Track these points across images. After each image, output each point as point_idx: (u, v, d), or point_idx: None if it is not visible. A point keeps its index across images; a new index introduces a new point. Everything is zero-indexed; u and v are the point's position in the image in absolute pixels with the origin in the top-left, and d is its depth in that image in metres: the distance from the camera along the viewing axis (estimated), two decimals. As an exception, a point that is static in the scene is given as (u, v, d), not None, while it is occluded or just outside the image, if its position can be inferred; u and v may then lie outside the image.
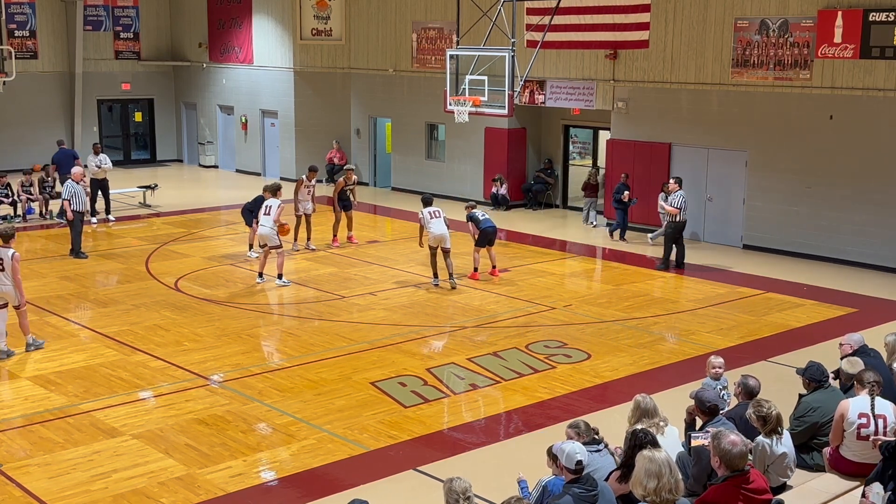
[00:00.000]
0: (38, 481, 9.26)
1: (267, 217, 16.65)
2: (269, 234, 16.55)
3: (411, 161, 26.69)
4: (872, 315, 15.12)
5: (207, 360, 12.82)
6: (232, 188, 27.69)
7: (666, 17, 20.66)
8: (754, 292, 16.63)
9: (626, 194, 20.21)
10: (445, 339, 13.99)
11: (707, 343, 13.78)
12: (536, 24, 21.47)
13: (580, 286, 17.56)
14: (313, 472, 9.59)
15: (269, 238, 16.58)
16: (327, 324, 14.54)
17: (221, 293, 16.27)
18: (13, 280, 12.75)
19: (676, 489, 5.94)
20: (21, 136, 29.19)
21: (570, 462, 6.68)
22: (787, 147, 19.19)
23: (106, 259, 18.78)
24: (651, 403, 7.81)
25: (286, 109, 28.63)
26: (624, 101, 21.70)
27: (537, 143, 25.02)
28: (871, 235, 18.18)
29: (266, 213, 16.72)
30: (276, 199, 16.98)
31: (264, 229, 16.63)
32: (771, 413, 7.61)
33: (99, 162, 22.27)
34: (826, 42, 18.18)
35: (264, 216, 16.72)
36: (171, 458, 9.80)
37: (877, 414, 7.88)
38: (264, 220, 16.68)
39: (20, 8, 29.05)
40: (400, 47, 26.59)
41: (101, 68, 30.90)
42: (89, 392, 11.61)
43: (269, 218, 16.60)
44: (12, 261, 12.68)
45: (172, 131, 32.89)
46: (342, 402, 11.38)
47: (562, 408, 11.25)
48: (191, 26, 31.61)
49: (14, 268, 12.71)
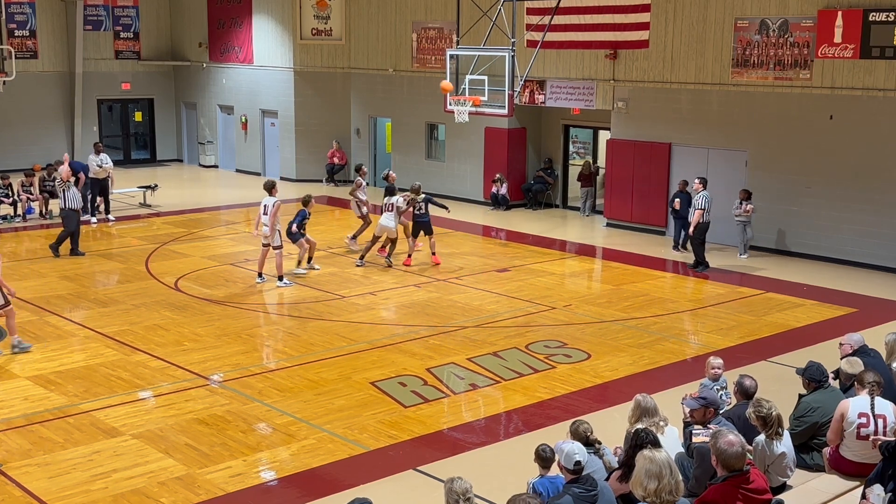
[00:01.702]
0: (38, 481, 9.25)
1: (265, 216, 16.57)
2: (268, 232, 16.46)
3: (411, 161, 26.67)
4: (872, 315, 15.12)
5: (207, 360, 12.81)
6: (232, 188, 27.70)
7: (666, 16, 20.66)
8: (754, 292, 16.63)
9: (676, 202, 19.26)
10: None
11: (707, 343, 13.79)
12: (536, 24, 21.47)
13: (580, 286, 17.56)
14: (313, 472, 9.59)
15: (270, 237, 16.47)
16: (327, 324, 14.54)
17: (221, 293, 16.26)
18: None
19: (676, 490, 5.94)
20: (21, 136, 29.18)
21: (568, 462, 6.69)
22: (787, 147, 19.19)
23: (106, 259, 18.77)
24: (651, 403, 7.82)
25: (286, 109, 28.63)
26: (624, 101, 21.70)
27: (537, 143, 25.02)
28: (871, 235, 18.18)
29: (265, 213, 16.61)
30: (272, 197, 16.69)
31: (265, 228, 16.54)
32: (771, 413, 7.61)
33: (100, 161, 22.26)
34: (826, 42, 18.18)
35: (263, 215, 16.63)
36: (170, 457, 9.79)
37: (877, 414, 7.89)
38: (264, 219, 16.60)
39: (20, 8, 29.04)
40: (400, 47, 26.59)
41: (101, 68, 30.89)
42: (89, 392, 11.61)
43: (268, 217, 16.51)
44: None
45: (172, 131, 32.88)
46: (342, 401, 11.38)
47: (562, 408, 11.25)
48: (191, 26, 31.60)
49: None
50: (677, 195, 19.35)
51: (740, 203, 18.67)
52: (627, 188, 21.81)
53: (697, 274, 17.82)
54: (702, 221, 17.72)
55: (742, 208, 18.64)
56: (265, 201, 16.63)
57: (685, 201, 18.94)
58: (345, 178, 28.12)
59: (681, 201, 19.12)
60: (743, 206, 18.62)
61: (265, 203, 16.61)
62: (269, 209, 16.49)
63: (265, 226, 16.51)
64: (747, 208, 18.60)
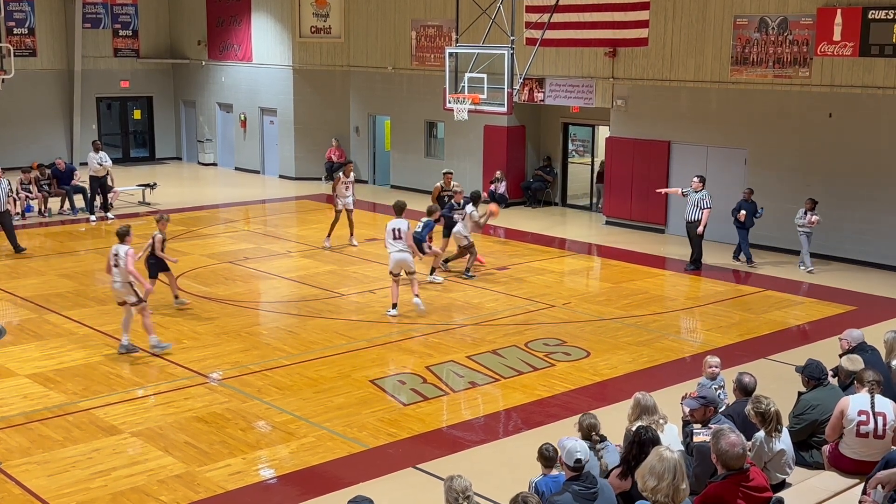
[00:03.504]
0: (38, 479, 9.25)
1: (400, 241, 14.69)
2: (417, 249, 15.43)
3: (410, 159, 26.68)
4: (871, 313, 15.12)
5: (206, 358, 12.81)
6: (231, 186, 27.69)
7: (665, 14, 20.65)
8: (753, 290, 16.63)
9: (741, 213, 17.97)
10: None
11: (706, 341, 13.79)
12: (536, 22, 21.45)
13: (579, 284, 17.56)
14: (312, 470, 9.59)
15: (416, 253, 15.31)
16: (326, 322, 14.53)
17: (220, 291, 16.26)
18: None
19: (675, 495, 5.85)
20: (20, 134, 29.16)
21: (569, 459, 6.69)
22: (786, 145, 19.19)
23: (105, 257, 18.70)
24: (651, 401, 7.82)
25: (285, 107, 28.61)
26: (623, 99, 21.69)
27: (536, 141, 25.01)
28: (870, 233, 18.18)
29: (398, 237, 14.64)
30: (403, 220, 14.83)
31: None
32: (769, 410, 7.62)
33: (100, 159, 22.25)
34: (825, 40, 18.18)
35: (396, 240, 14.65)
36: (170, 455, 9.79)
37: (877, 412, 7.89)
38: (399, 244, 14.66)
39: (19, 5, 29.02)
40: (399, 45, 26.58)
41: (99, 66, 30.88)
42: (88, 390, 11.61)
43: (402, 240, 14.74)
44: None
45: (171, 129, 32.86)
46: (341, 399, 11.38)
47: (561, 406, 11.26)
48: (190, 24, 31.58)
49: None
50: (742, 205, 18.05)
51: (805, 213, 17.50)
52: (627, 186, 21.81)
53: (691, 272, 17.80)
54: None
55: (807, 219, 17.43)
56: (397, 224, 14.69)
57: (750, 212, 17.97)
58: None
59: (746, 212, 17.94)
60: (808, 217, 17.42)
61: (398, 227, 14.67)
62: (402, 232, 14.68)
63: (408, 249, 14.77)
64: (812, 219, 17.39)
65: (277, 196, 26.76)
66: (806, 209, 17.60)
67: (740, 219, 18.03)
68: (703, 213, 17.53)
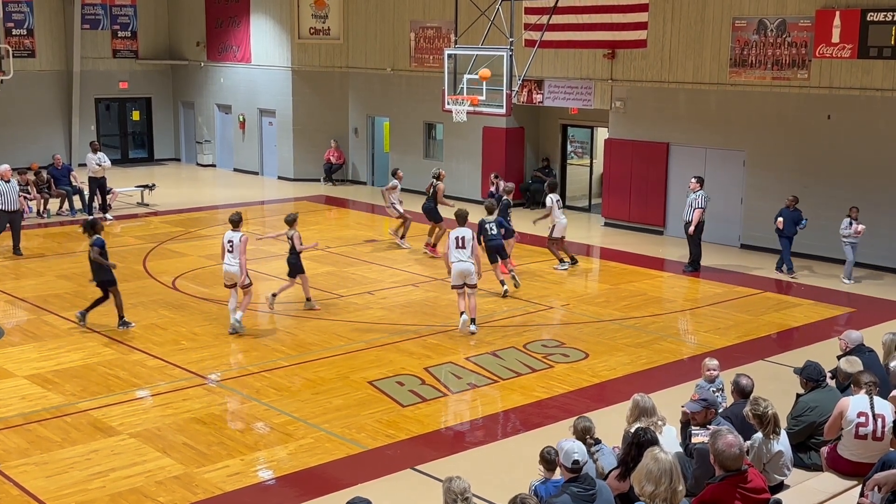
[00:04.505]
0: (36, 480, 9.25)
1: (465, 249, 14.06)
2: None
3: (409, 160, 26.65)
4: (870, 315, 15.13)
5: (205, 359, 12.80)
6: (229, 187, 27.68)
7: (664, 16, 20.66)
8: (752, 292, 16.63)
9: (779, 220, 17.48)
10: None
11: (704, 342, 13.79)
12: (534, 24, 21.45)
13: (578, 286, 17.56)
14: (311, 472, 9.58)
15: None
16: (325, 323, 14.53)
17: (219, 292, 16.22)
18: None
19: (672, 499, 5.87)
20: (19, 134, 29.12)
21: (567, 460, 6.69)
22: (784, 147, 19.20)
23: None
24: (649, 403, 7.82)
25: (284, 108, 28.61)
26: (622, 101, 21.70)
27: (535, 143, 25.02)
28: (868, 235, 18.15)
29: (461, 245, 14.05)
30: (467, 229, 14.21)
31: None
32: (767, 412, 7.63)
33: (98, 160, 22.24)
34: (824, 42, 18.19)
35: (461, 248, 14.04)
36: (168, 456, 9.79)
37: (876, 413, 7.89)
38: (462, 254, 14.11)
39: (18, 6, 29.01)
40: (398, 46, 26.58)
41: (98, 67, 30.87)
42: (87, 391, 11.60)
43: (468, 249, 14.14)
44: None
45: (170, 130, 32.85)
46: (340, 401, 11.38)
47: (559, 407, 11.26)
48: (189, 25, 31.58)
49: None
50: (782, 213, 17.51)
51: (851, 222, 16.84)
52: (625, 188, 21.82)
53: (689, 273, 17.79)
54: (701, 220, 17.71)
55: (853, 228, 16.78)
56: (461, 233, 14.11)
57: (791, 220, 17.37)
58: (342, 178, 28.16)
59: (784, 220, 17.38)
60: (854, 227, 16.79)
61: (462, 235, 14.09)
62: (466, 241, 14.06)
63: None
64: (858, 229, 16.75)
65: (276, 197, 26.75)
66: (851, 217, 16.84)
67: (778, 226, 17.51)
68: (693, 214, 17.56)
